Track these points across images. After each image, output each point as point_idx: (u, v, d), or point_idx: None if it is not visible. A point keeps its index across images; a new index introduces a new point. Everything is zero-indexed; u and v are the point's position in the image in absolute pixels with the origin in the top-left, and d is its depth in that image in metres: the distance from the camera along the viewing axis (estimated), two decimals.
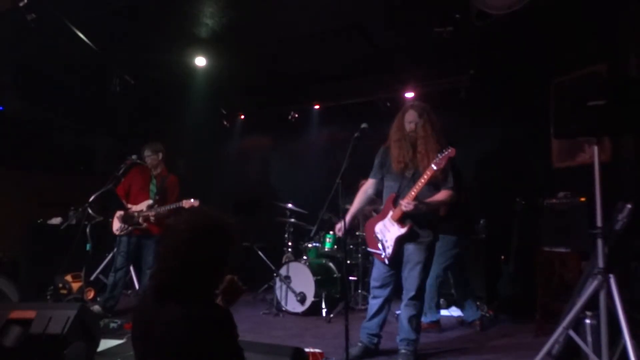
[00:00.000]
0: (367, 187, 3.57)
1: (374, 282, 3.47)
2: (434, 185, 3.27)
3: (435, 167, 3.11)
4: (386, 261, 3.33)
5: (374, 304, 3.44)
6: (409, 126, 3.32)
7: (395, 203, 3.30)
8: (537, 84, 5.02)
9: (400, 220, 3.24)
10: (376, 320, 3.43)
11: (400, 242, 3.25)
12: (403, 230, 3.20)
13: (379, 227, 3.39)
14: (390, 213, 3.30)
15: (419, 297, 3.27)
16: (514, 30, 4.45)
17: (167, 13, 4.68)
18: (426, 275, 3.29)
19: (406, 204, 3.11)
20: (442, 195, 3.25)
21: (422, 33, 4.68)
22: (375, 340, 3.45)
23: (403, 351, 3.23)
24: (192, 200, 4.40)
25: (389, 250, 3.28)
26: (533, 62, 4.99)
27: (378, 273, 3.44)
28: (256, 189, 7.26)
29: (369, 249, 3.54)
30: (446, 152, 3.10)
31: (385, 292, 3.40)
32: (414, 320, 3.27)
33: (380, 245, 3.35)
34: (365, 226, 3.60)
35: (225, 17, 4.77)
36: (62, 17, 4.62)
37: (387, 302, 3.42)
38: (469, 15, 4.09)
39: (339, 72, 6.24)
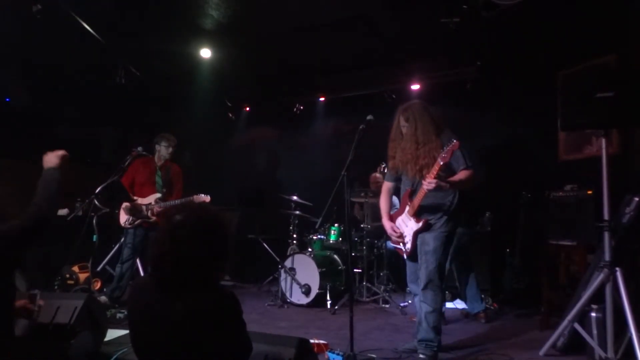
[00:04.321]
0: (387, 189, 3.57)
1: (408, 280, 3.48)
2: (448, 173, 3.18)
3: (441, 162, 3.02)
4: (405, 256, 3.36)
5: (415, 301, 3.41)
6: (403, 130, 3.33)
7: (411, 198, 3.28)
8: (545, 75, 4.96)
9: (416, 215, 3.24)
10: None
11: (417, 236, 3.25)
12: (419, 225, 3.20)
13: (398, 223, 3.42)
14: (407, 208, 3.30)
15: (430, 288, 3.11)
16: (522, 20, 4.39)
17: (172, 4, 4.67)
18: (437, 265, 3.13)
19: (428, 183, 3.02)
20: (462, 174, 3.16)
21: (428, 24, 4.63)
22: None
23: (421, 356, 3.07)
24: (202, 195, 4.39)
25: (409, 245, 3.29)
26: (540, 53, 4.93)
27: (409, 270, 3.44)
28: (261, 181, 7.26)
29: (391, 245, 3.54)
30: (449, 146, 3.00)
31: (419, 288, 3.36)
32: (431, 318, 3.09)
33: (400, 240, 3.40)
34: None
35: (230, 8, 4.75)
36: (67, 8, 4.62)
37: None
38: (476, 5, 4.04)
39: (345, 64, 6.20)
